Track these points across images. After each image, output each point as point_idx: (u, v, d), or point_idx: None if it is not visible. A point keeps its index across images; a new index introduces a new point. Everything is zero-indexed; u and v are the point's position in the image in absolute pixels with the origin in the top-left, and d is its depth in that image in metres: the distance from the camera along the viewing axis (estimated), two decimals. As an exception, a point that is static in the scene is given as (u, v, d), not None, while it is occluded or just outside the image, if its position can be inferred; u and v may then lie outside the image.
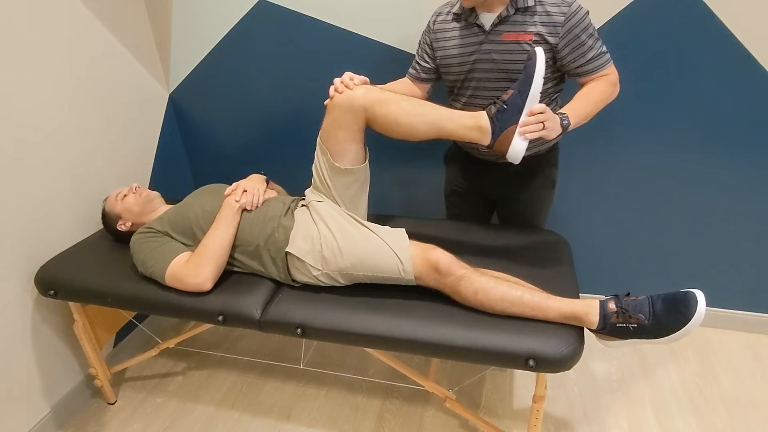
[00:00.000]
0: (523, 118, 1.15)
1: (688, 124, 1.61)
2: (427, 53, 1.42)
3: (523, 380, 1.74)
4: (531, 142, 1.17)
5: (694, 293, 1.07)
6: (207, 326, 1.54)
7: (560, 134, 1.19)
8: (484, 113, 1.20)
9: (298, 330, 1.26)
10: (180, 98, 2.04)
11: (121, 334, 1.89)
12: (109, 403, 1.73)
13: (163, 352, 1.76)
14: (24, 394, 1.52)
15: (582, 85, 1.31)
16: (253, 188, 1.43)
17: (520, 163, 1.39)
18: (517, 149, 1.17)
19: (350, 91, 1.24)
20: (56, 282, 1.45)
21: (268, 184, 1.52)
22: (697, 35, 1.48)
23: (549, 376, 1.68)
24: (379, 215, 1.60)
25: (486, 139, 1.20)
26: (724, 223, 1.73)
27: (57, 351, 1.62)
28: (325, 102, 1.29)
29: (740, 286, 1.83)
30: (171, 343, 1.66)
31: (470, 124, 1.20)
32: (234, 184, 1.45)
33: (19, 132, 1.44)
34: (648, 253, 1.85)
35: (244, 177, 1.50)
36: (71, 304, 1.54)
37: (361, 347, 1.29)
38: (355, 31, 1.73)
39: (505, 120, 1.17)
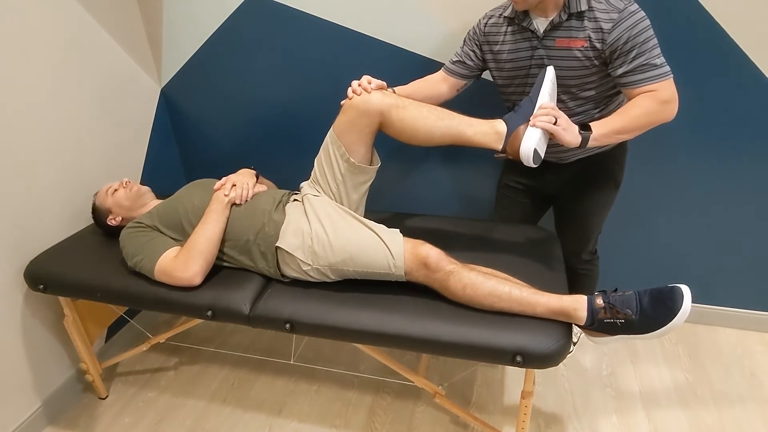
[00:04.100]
0: (534, 113, 1.16)
1: (682, 122, 1.60)
2: (474, 52, 1.39)
3: (514, 376, 1.74)
4: (554, 145, 1.19)
5: (680, 288, 1.07)
6: (198, 321, 1.54)
7: (581, 144, 1.17)
8: (501, 120, 1.21)
9: (287, 325, 1.26)
10: (172, 92, 2.04)
11: (113, 329, 1.89)
12: (100, 398, 1.73)
13: (154, 347, 1.76)
14: (14, 388, 1.52)
15: (630, 99, 1.23)
16: (243, 182, 1.42)
17: (584, 161, 1.41)
18: (528, 141, 1.15)
19: (367, 94, 1.25)
20: (45, 276, 1.44)
21: (258, 179, 1.52)
22: (693, 36, 1.48)
23: (539, 372, 1.69)
24: (367, 210, 1.60)
25: (501, 145, 1.20)
26: (717, 220, 1.74)
27: (48, 345, 1.62)
28: (342, 102, 1.30)
29: (731, 283, 1.83)
30: (162, 338, 1.66)
31: (487, 130, 1.21)
32: (223, 178, 1.44)
33: (8, 126, 1.43)
34: (638, 249, 1.86)
35: (235, 172, 1.50)
36: (61, 298, 1.54)
37: (350, 343, 1.29)
38: (347, 26, 1.72)
39: (515, 120, 1.18)
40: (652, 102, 1.19)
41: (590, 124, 1.18)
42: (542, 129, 1.15)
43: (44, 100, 1.54)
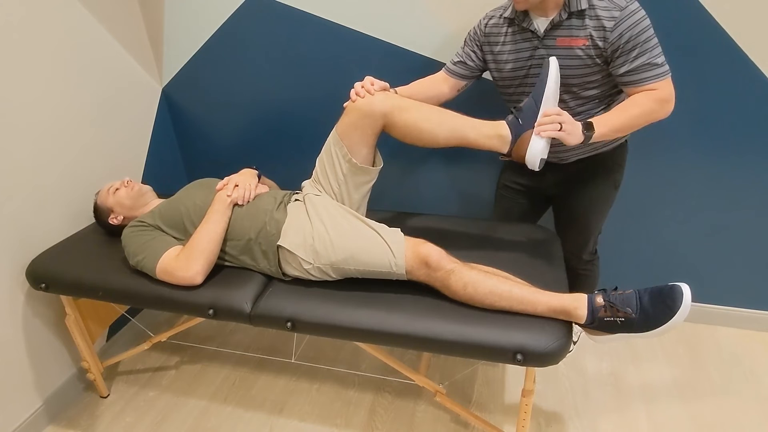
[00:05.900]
0: (539, 120, 1.16)
1: (683, 122, 1.61)
2: (474, 53, 1.40)
3: (515, 375, 1.74)
4: (554, 146, 1.19)
5: (680, 287, 1.07)
6: (200, 320, 1.55)
7: (582, 142, 1.17)
8: (504, 122, 1.21)
9: (288, 324, 1.26)
10: (173, 92, 2.04)
11: (115, 328, 1.90)
12: (101, 397, 1.73)
13: (156, 346, 1.76)
14: (16, 387, 1.52)
15: (629, 96, 1.25)
16: (245, 183, 1.43)
17: (584, 161, 1.41)
18: (535, 150, 1.16)
19: (371, 96, 1.25)
20: (47, 275, 1.45)
21: (260, 179, 1.52)
22: (693, 36, 1.49)
23: (540, 370, 1.70)
24: (369, 209, 1.60)
25: (506, 148, 1.21)
26: (717, 219, 1.74)
27: (49, 344, 1.62)
28: (345, 104, 1.30)
29: (731, 282, 1.83)
30: (163, 337, 1.66)
31: (491, 133, 1.22)
32: (226, 178, 1.45)
33: (10, 126, 1.44)
34: (639, 248, 1.86)
35: (237, 171, 1.50)
36: (63, 297, 1.54)
37: (351, 341, 1.30)
38: (347, 25, 1.73)
39: (520, 126, 1.19)
40: (651, 101, 1.20)
41: (592, 121, 1.19)
42: (548, 138, 1.16)
43: (45, 99, 1.55)
